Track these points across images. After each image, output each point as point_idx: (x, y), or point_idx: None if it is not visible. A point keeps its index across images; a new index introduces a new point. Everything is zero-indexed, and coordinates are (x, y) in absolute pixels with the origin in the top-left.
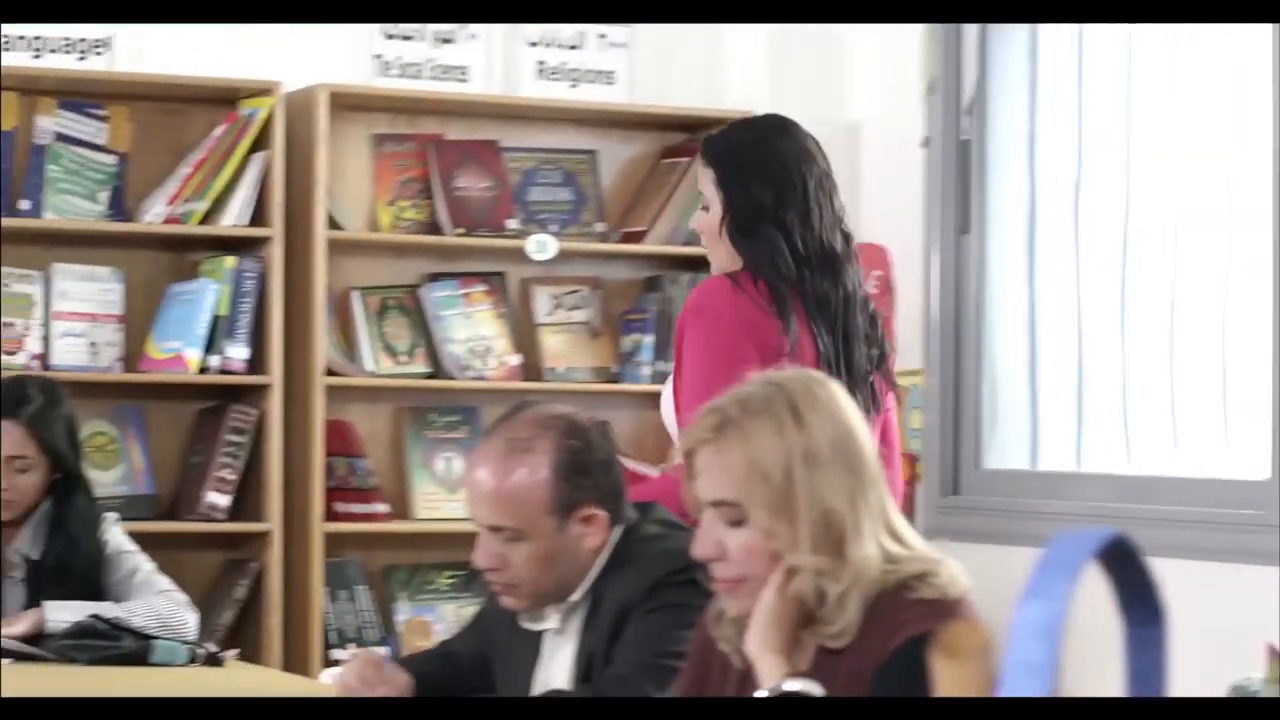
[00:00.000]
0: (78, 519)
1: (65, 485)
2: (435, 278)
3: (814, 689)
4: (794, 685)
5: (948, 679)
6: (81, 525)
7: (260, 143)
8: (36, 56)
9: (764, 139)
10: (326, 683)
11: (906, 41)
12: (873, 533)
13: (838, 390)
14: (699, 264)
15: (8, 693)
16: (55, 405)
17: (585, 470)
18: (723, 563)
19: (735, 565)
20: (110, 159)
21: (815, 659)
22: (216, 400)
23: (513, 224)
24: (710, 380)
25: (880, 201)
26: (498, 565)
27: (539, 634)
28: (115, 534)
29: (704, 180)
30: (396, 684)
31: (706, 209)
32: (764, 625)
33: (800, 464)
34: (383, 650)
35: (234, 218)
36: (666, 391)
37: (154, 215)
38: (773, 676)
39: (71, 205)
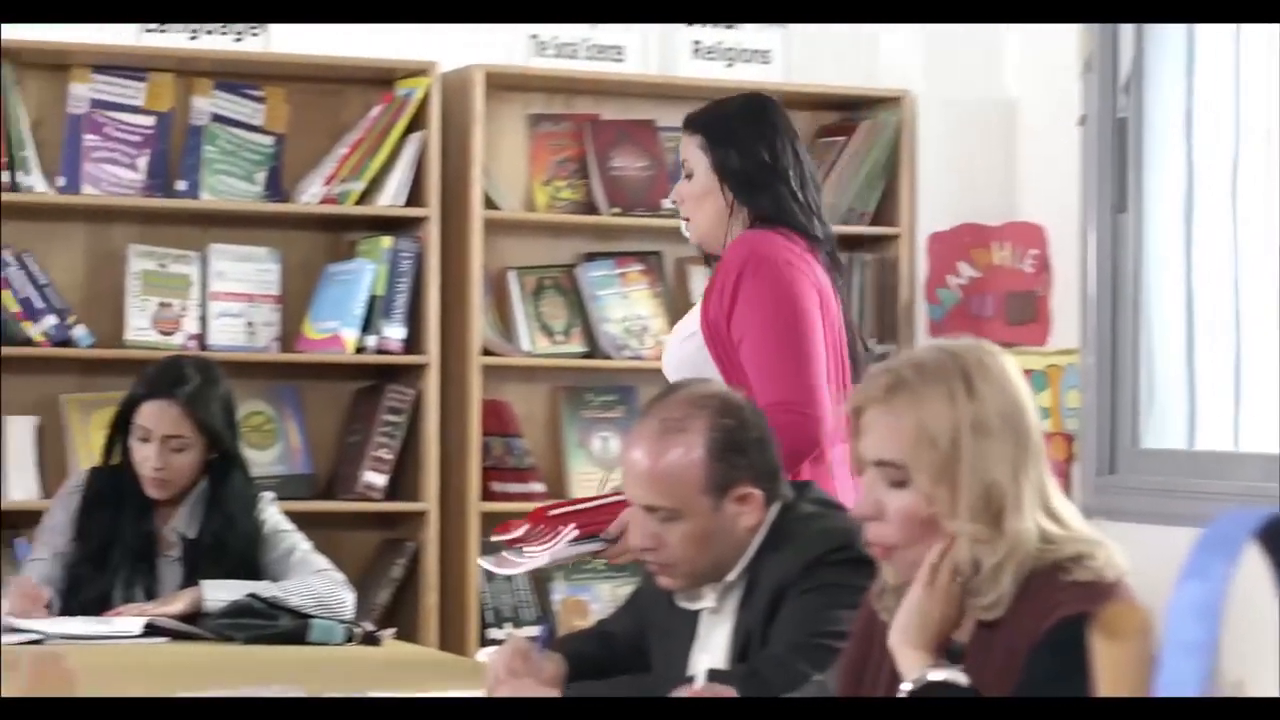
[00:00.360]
0: (234, 498)
1: (222, 465)
2: (591, 257)
3: (958, 678)
4: (939, 675)
5: (1107, 659)
6: (238, 504)
7: (416, 123)
8: (193, 38)
9: (752, 106)
10: (483, 661)
11: None
12: (1032, 508)
13: (1009, 362)
14: (856, 243)
15: (169, 669)
16: (212, 385)
17: (740, 449)
18: (879, 523)
19: (891, 527)
20: (267, 139)
21: (973, 632)
22: (373, 380)
23: (669, 203)
24: (785, 322)
25: (1036, 180)
26: (654, 545)
27: (695, 613)
28: (272, 513)
29: (689, 147)
30: (545, 674)
31: (689, 176)
32: (908, 619)
33: (968, 433)
34: (534, 633)
35: (390, 198)
36: (678, 344)
37: (310, 195)
38: (914, 670)
39: (228, 186)
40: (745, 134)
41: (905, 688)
